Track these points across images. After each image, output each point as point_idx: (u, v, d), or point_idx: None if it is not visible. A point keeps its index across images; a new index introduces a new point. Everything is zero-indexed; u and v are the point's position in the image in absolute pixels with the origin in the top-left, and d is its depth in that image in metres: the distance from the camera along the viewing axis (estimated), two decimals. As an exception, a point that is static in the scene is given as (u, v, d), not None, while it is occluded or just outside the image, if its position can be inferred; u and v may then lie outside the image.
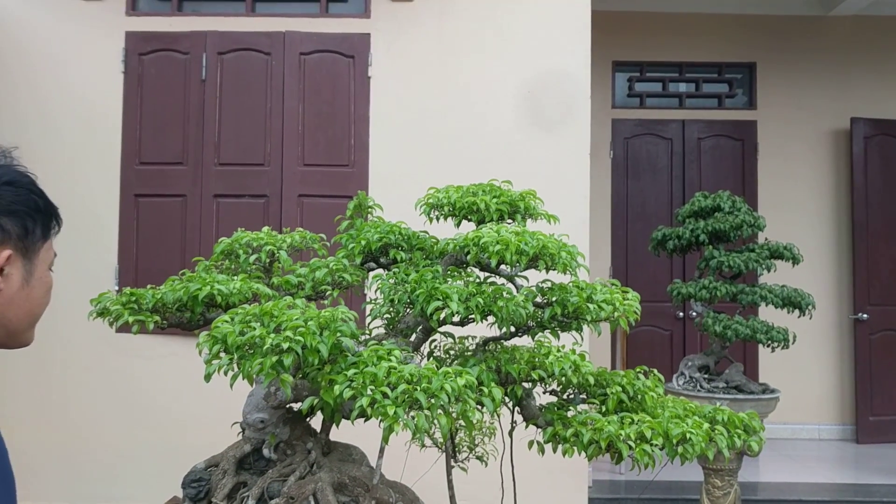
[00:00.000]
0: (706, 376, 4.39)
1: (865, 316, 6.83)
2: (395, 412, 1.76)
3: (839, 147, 7.10)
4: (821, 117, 7.09)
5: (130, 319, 2.14)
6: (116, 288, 4.61)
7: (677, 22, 7.11)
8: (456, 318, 2.15)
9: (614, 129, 7.08)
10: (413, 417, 1.77)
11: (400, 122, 4.73)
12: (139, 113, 4.73)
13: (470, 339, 2.44)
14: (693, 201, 4.39)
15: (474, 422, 2.54)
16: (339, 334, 1.89)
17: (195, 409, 4.57)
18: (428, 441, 3.05)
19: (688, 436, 2.06)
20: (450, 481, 2.55)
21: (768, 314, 5.55)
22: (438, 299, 1.99)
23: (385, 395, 1.80)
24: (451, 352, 2.38)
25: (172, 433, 4.57)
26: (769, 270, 4.23)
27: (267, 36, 4.73)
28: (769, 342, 4.09)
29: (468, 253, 2.14)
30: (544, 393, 2.40)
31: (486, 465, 2.93)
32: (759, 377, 6.81)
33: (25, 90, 4.77)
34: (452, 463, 2.80)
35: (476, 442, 3.03)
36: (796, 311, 4.23)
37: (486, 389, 1.94)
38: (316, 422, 2.51)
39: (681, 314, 7.01)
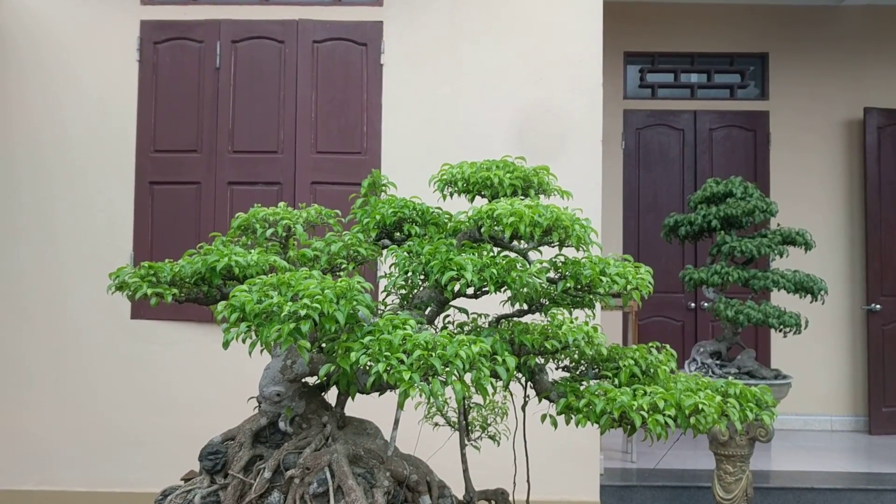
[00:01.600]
0: (718, 362, 4.40)
1: (878, 307, 6.81)
2: (410, 377, 1.79)
3: (852, 137, 7.08)
4: (833, 107, 7.07)
5: (149, 292, 2.17)
6: (132, 274, 4.65)
7: (689, 12, 7.10)
8: (470, 291, 2.18)
9: (626, 119, 7.09)
10: (429, 383, 1.80)
11: (412, 109, 4.75)
12: (154, 101, 4.77)
13: (483, 317, 2.46)
14: (705, 187, 4.39)
15: (489, 393, 2.57)
16: (355, 303, 1.92)
17: (209, 394, 4.61)
18: (441, 420, 3.08)
19: (700, 407, 2.07)
20: (463, 455, 2.57)
21: (780, 301, 5.55)
22: (453, 269, 2.01)
23: (401, 362, 1.82)
24: (465, 327, 2.40)
25: (187, 417, 4.61)
26: (781, 256, 4.23)
27: (280, 24, 4.76)
28: (781, 327, 4.09)
29: (482, 226, 2.16)
30: (556, 369, 2.42)
31: (499, 444, 2.95)
32: (771, 366, 6.80)
33: (39, 79, 4.81)
34: (466, 441, 2.83)
35: (489, 422, 3.06)
36: (808, 299, 4.24)
37: (499, 358, 1.96)
38: (331, 397, 2.53)
39: (692, 304, 7.01)
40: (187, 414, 4.64)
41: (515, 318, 2.44)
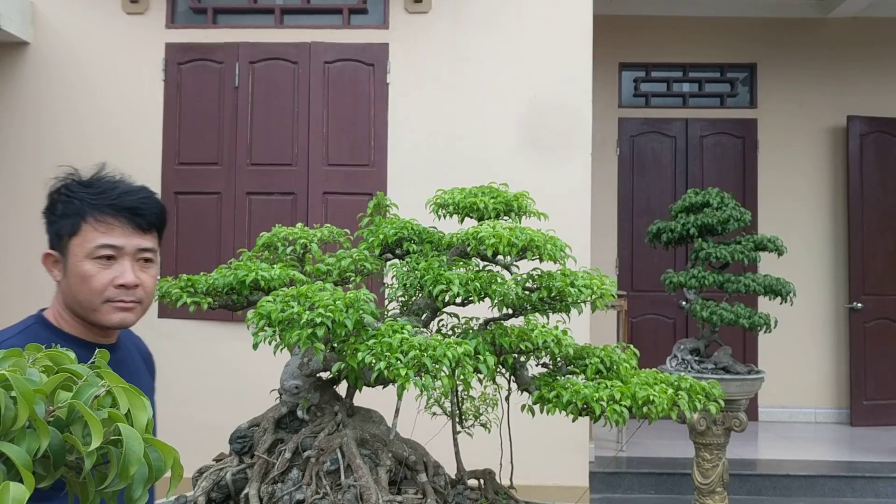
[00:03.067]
0: (697, 358, 4.79)
1: (860, 305, 7.16)
2: (406, 373, 2.19)
3: (836, 144, 7.43)
4: (819, 115, 7.43)
5: (188, 301, 2.57)
6: (158, 277, 5.07)
7: (681, 25, 7.47)
8: (458, 300, 2.58)
9: (621, 127, 7.46)
10: (421, 377, 2.20)
11: (416, 124, 5.15)
12: (178, 117, 5.19)
13: (474, 320, 2.86)
14: (685, 197, 4.77)
15: (472, 387, 2.96)
16: (361, 312, 2.32)
17: (230, 387, 5.02)
18: (438, 410, 3.48)
19: (652, 398, 2.46)
20: (455, 439, 2.96)
21: (766, 304, 5.91)
22: (443, 283, 2.41)
23: (399, 360, 2.22)
24: (456, 329, 2.80)
25: (207, 410, 5.03)
26: (755, 261, 4.61)
27: (294, 46, 5.16)
28: (752, 327, 4.47)
29: (469, 245, 2.56)
30: (536, 366, 2.82)
31: (490, 431, 3.34)
32: (758, 362, 7.17)
33: (73, 96, 5.24)
34: (459, 428, 3.22)
35: (481, 411, 3.46)
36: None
37: (482, 357, 2.36)
38: (342, 390, 2.94)
39: (683, 303, 7.38)
40: (208, 405, 5.06)
41: (502, 322, 2.83)
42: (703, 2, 7.36)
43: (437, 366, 2.25)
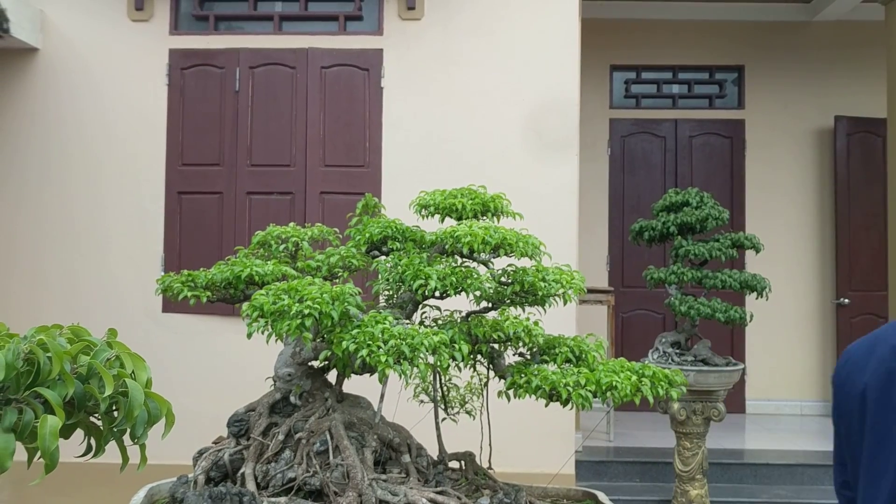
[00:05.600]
0: (677, 351, 4.99)
1: (847, 301, 7.36)
2: (386, 360, 2.41)
3: (822, 144, 7.63)
4: (805, 116, 7.63)
5: (189, 294, 2.80)
6: (163, 273, 5.30)
7: (671, 28, 7.67)
8: (437, 294, 2.79)
9: (612, 127, 7.67)
10: (400, 364, 2.42)
11: (409, 126, 5.36)
12: (181, 120, 5.41)
13: (457, 313, 3.08)
14: (665, 197, 4.98)
15: (458, 376, 3.18)
16: (346, 304, 2.53)
17: (229, 377, 5.24)
18: (425, 398, 3.70)
19: (615, 384, 2.68)
20: (437, 424, 3.18)
21: (752, 301, 6.10)
22: (422, 278, 2.63)
23: (380, 348, 2.44)
24: (438, 321, 3.01)
25: (208, 399, 5.24)
26: (732, 259, 4.82)
27: (292, 52, 5.38)
28: (728, 321, 4.68)
29: (447, 243, 2.78)
30: (514, 355, 3.03)
31: (474, 418, 3.56)
32: (745, 357, 7.38)
33: (80, 101, 5.46)
34: (444, 415, 3.43)
35: (466, 400, 3.67)
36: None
37: (457, 345, 2.57)
38: (332, 378, 3.16)
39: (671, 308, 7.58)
40: (209, 395, 5.28)
41: (481, 314, 3.05)
42: (693, 5, 7.56)
43: (414, 353, 2.47)
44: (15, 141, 5.48)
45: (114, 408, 0.84)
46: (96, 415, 0.84)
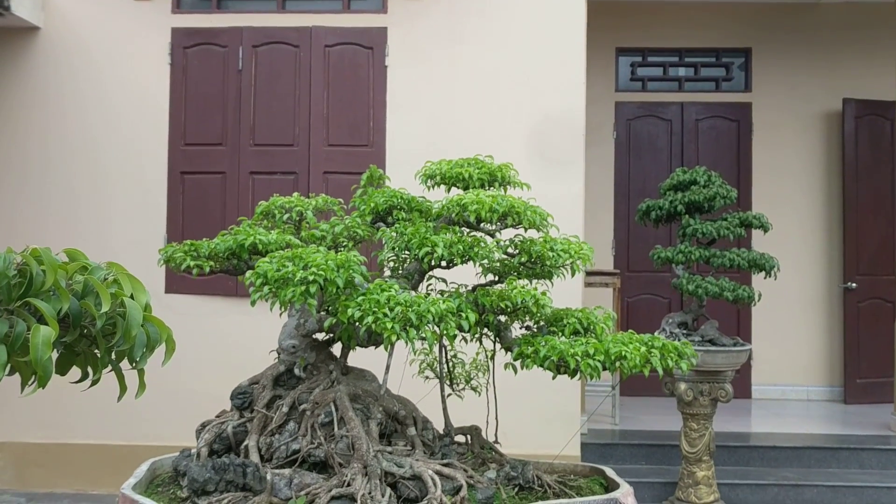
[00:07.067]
0: (684, 332, 4.94)
1: (854, 285, 7.29)
2: (392, 327, 2.36)
3: (830, 127, 7.56)
4: (813, 99, 7.55)
5: (191, 263, 2.76)
6: (166, 254, 5.26)
7: (677, 10, 7.59)
8: (444, 264, 2.74)
9: (617, 111, 7.60)
10: (406, 332, 2.37)
11: (414, 105, 5.31)
12: (184, 100, 5.36)
13: (463, 286, 3.03)
14: (673, 176, 4.93)
15: (463, 352, 3.15)
16: (351, 272, 2.49)
17: (233, 358, 5.20)
18: (431, 374, 3.65)
19: (624, 354, 2.63)
20: (443, 398, 3.15)
21: (759, 284, 6.06)
22: (428, 246, 2.58)
23: (385, 315, 2.39)
24: (444, 293, 2.97)
25: (213, 379, 5.21)
26: (739, 238, 4.76)
27: (296, 30, 5.32)
28: (736, 300, 4.63)
29: (454, 212, 2.73)
30: (520, 328, 2.99)
31: (480, 394, 3.52)
32: (751, 342, 7.33)
33: (81, 81, 5.42)
34: (450, 391, 3.39)
35: (472, 376, 3.63)
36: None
37: (464, 314, 2.53)
38: (337, 351, 3.12)
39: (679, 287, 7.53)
40: (214, 375, 5.24)
41: (488, 287, 3.00)
42: (699, -13, 7.49)
43: (421, 320, 2.43)
44: (16, 120, 5.44)
45: (112, 331, 0.80)
46: (92, 335, 0.79)
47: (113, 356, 0.82)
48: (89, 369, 0.86)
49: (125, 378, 0.99)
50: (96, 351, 0.83)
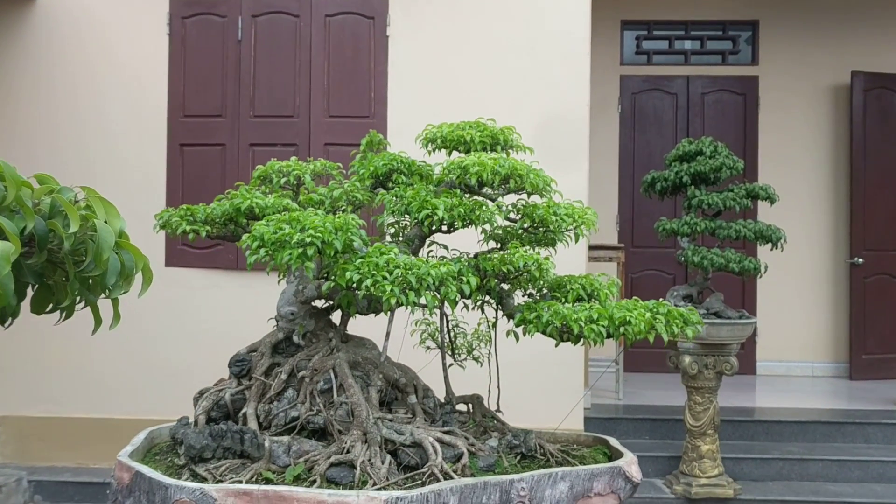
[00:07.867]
0: (689, 305, 4.89)
1: (861, 260, 7.22)
2: (391, 290, 2.31)
3: (838, 100, 7.46)
4: (821, 72, 7.45)
5: (187, 228, 2.71)
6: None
7: (684, -18, 7.48)
8: (444, 228, 2.69)
9: (622, 84, 7.51)
10: (405, 294, 2.32)
11: (416, 77, 5.23)
12: (183, 71, 5.29)
13: (465, 254, 2.97)
14: (679, 146, 4.85)
15: (465, 321, 3.10)
16: (350, 235, 2.43)
17: (233, 331, 5.16)
18: (432, 344, 3.61)
19: (628, 319, 2.58)
20: (444, 366, 3.10)
21: (768, 255, 5.98)
22: (428, 209, 2.53)
23: (385, 278, 2.34)
24: (445, 259, 2.91)
25: (214, 352, 5.17)
26: (745, 209, 4.70)
27: (296, 0, 5.24)
28: (742, 272, 4.57)
29: (455, 175, 2.67)
30: (523, 296, 2.93)
31: (482, 365, 3.47)
32: (756, 316, 7.27)
33: (79, 52, 5.33)
34: (451, 361, 3.35)
35: (474, 346, 3.58)
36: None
37: (465, 278, 2.47)
38: (336, 319, 3.07)
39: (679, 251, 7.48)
40: (215, 348, 5.20)
41: (490, 254, 2.94)
42: (706, -42, 7.37)
43: (421, 283, 2.37)
44: (16, 92, 5.37)
45: (84, 259, 0.74)
46: (61, 259, 0.74)
47: (87, 285, 0.76)
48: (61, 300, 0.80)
49: (99, 310, 0.94)
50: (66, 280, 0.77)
